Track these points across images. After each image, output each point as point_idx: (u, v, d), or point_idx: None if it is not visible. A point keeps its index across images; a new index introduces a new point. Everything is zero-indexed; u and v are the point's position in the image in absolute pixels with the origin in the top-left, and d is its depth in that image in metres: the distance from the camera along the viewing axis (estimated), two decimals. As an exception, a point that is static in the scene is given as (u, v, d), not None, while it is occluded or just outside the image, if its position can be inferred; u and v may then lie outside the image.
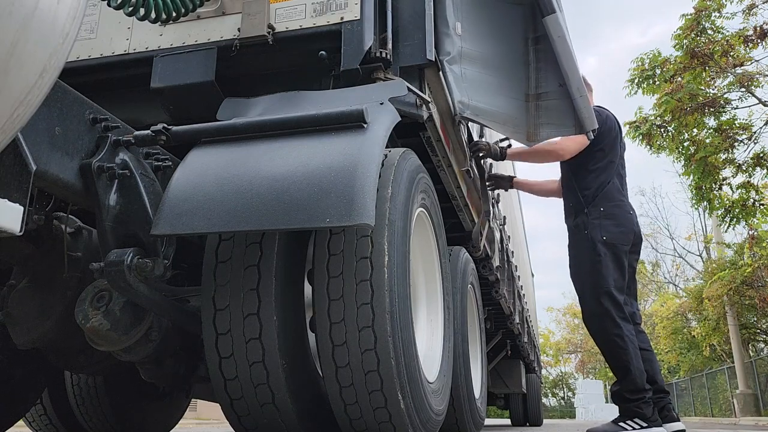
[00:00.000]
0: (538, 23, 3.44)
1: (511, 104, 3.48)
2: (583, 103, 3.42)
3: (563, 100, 3.47)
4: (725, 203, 12.55)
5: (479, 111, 3.28)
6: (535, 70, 3.53)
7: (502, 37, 3.50)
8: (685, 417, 23.46)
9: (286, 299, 2.09)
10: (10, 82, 1.00)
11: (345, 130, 1.95)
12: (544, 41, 3.45)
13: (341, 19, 2.49)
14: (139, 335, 2.17)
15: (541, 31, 3.43)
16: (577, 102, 3.41)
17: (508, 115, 3.48)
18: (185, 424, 11.34)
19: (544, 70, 3.50)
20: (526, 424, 12.59)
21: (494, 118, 3.46)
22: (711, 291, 17.59)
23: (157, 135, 1.99)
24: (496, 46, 3.48)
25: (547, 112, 3.52)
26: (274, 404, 2.05)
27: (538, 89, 3.53)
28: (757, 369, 19.20)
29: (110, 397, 3.54)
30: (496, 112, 3.44)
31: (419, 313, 2.79)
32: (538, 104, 3.53)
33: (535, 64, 3.52)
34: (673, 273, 32.22)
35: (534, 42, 3.53)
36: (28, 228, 1.88)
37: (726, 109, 12.16)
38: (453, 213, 4.08)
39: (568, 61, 3.38)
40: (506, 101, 3.47)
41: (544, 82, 3.51)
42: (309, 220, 1.70)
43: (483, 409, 4.50)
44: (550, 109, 3.52)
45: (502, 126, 3.54)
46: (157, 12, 2.18)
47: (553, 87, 3.48)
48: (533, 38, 3.52)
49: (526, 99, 3.52)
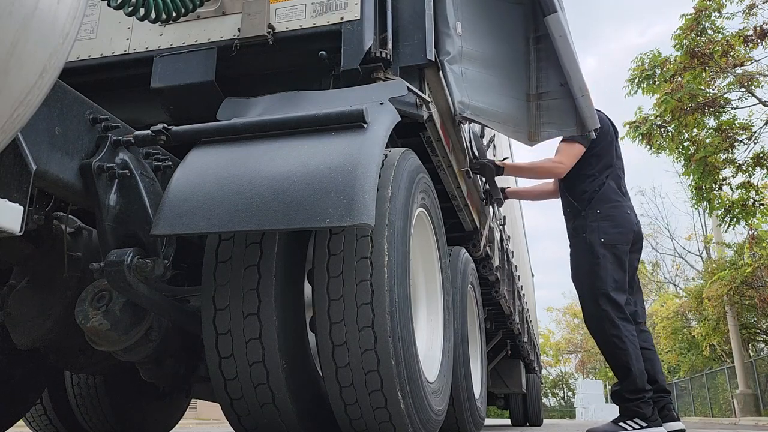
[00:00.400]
0: (539, 23, 3.45)
1: (511, 104, 3.48)
2: (585, 102, 3.43)
3: (564, 99, 3.48)
4: (725, 203, 12.56)
5: (480, 111, 3.28)
6: (536, 69, 3.53)
7: (502, 36, 3.51)
8: (685, 417, 23.47)
9: (286, 299, 2.09)
10: (10, 82, 1.00)
11: (345, 130, 1.95)
12: (545, 41, 3.46)
13: (341, 19, 2.49)
14: (139, 335, 2.17)
15: (542, 30, 3.44)
16: (579, 101, 3.42)
17: (509, 114, 3.48)
18: (185, 424, 11.34)
19: (545, 69, 3.51)
20: (526, 424, 12.60)
21: (495, 118, 3.46)
22: (711, 291, 17.59)
23: (157, 135, 1.99)
24: (497, 45, 3.48)
25: (548, 112, 3.53)
26: (274, 404, 2.05)
27: (539, 89, 3.53)
28: (757, 369, 19.21)
29: (110, 397, 3.53)
30: (496, 112, 3.44)
31: (419, 313, 2.79)
32: (539, 104, 3.54)
33: (536, 63, 3.53)
34: (673, 273, 32.24)
35: (535, 41, 3.53)
36: (28, 228, 1.88)
37: (726, 109, 12.16)
38: (453, 213, 4.07)
39: (569, 60, 3.39)
40: (507, 101, 3.47)
41: (545, 82, 3.52)
42: (309, 220, 1.70)
43: (483, 409, 4.50)
44: (551, 108, 3.52)
45: (502, 126, 3.54)
46: (157, 12, 2.18)
47: (554, 86, 3.49)
48: (534, 38, 3.53)
49: (527, 99, 3.53)
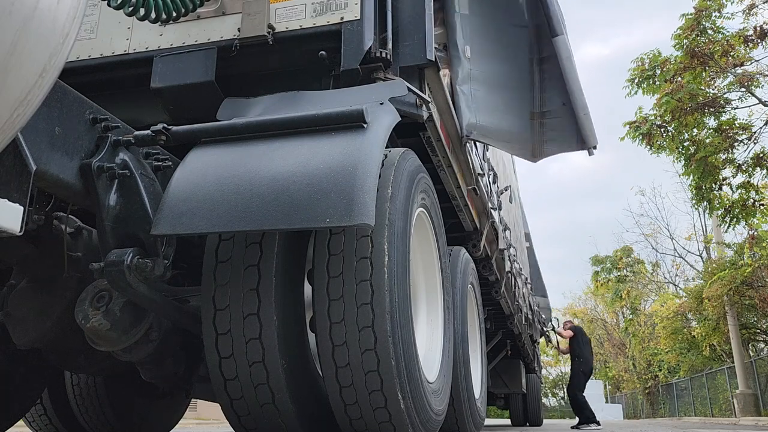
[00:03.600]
0: (542, 45, 3.67)
1: (516, 123, 3.67)
2: (587, 121, 3.65)
3: (565, 117, 3.70)
4: (725, 203, 12.55)
5: (486, 131, 3.45)
6: (540, 89, 3.75)
7: (508, 58, 3.69)
8: (686, 417, 23.46)
9: (286, 299, 2.09)
10: (10, 81, 1.00)
11: (345, 130, 1.95)
12: (548, 62, 3.68)
13: (341, 19, 2.49)
14: (139, 335, 2.17)
15: (546, 52, 3.66)
16: (582, 119, 3.64)
17: (514, 133, 3.67)
18: (185, 424, 11.33)
19: (549, 89, 3.72)
20: (526, 424, 12.60)
21: (501, 137, 3.68)
22: (711, 291, 17.57)
23: (157, 135, 1.99)
24: (503, 67, 3.66)
25: (551, 130, 3.76)
26: (274, 404, 2.05)
27: (543, 107, 3.76)
28: (757, 369, 19.18)
29: (110, 397, 3.53)
30: (502, 131, 3.64)
31: (419, 313, 2.79)
32: (542, 122, 3.76)
33: (540, 84, 3.75)
34: (673, 273, 32.16)
35: (539, 62, 3.74)
36: (28, 228, 1.88)
37: (726, 109, 12.15)
38: (453, 213, 4.08)
39: (574, 80, 3.61)
40: (512, 120, 3.66)
41: (548, 101, 3.74)
42: (309, 220, 1.70)
43: (483, 409, 4.50)
44: (554, 126, 3.75)
45: (507, 144, 3.80)
46: (157, 12, 2.18)
47: (557, 105, 3.71)
48: (538, 59, 3.74)
49: (531, 117, 3.74)
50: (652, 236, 31.81)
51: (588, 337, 10.49)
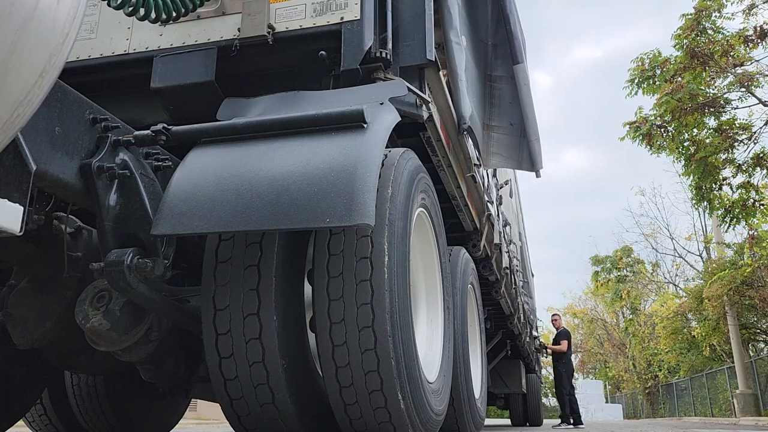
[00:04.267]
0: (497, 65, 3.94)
1: (478, 126, 3.85)
2: (537, 146, 4.00)
3: (512, 137, 3.99)
4: (725, 203, 12.54)
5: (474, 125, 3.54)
6: (490, 105, 4.02)
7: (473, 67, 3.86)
8: (686, 417, 23.46)
9: (286, 299, 2.09)
10: (10, 81, 1.00)
11: (345, 130, 1.95)
12: (500, 81, 3.94)
13: (341, 19, 2.49)
14: (139, 335, 2.17)
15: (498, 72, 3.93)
16: (532, 144, 3.96)
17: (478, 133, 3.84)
18: (185, 424, 11.34)
19: (497, 106, 3.99)
20: (526, 424, 12.60)
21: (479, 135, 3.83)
22: (711, 291, 17.56)
23: (157, 135, 1.99)
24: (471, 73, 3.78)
25: (498, 144, 4.07)
26: (274, 404, 2.05)
27: (492, 121, 4.04)
28: (757, 369, 19.17)
29: (110, 397, 3.53)
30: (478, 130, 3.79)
31: (419, 313, 2.79)
32: (490, 134, 4.05)
33: (490, 99, 4.02)
34: (673, 273, 32.15)
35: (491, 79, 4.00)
36: (28, 228, 1.88)
37: (726, 109, 12.15)
38: (453, 213, 4.08)
39: (529, 105, 3.88)
40: (478, 123, 3.84)
41: (497, 117, 4.02)
42: (309, 220, 1.70)
43: (483, 409, 4.50)
44: (501, 142, 4.06)
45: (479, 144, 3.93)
46: (157, 12, 2.18)
47: (505, 124, 3.99)
48: (491, 76, 4.01)
49: (483, 127, 3.99)
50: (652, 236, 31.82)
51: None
